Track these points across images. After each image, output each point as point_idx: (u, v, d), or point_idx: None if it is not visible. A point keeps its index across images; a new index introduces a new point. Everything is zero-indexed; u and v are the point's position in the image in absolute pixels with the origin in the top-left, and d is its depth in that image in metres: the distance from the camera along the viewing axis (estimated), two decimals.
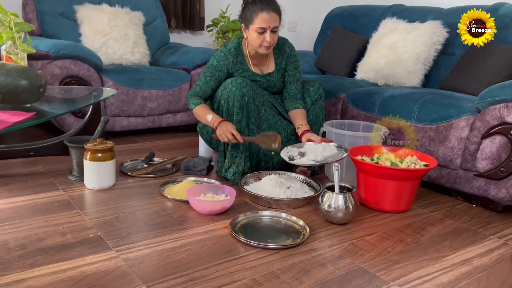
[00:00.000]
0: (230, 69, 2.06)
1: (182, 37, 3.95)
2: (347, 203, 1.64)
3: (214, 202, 1.67)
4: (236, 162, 2.02)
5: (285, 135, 2.15)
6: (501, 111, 1.79)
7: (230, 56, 2.05)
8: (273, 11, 1.93)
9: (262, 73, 2.13)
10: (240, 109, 1.95)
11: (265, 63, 2.14)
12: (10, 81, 1.58)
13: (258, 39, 1.96)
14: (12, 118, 1.46)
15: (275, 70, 2.14)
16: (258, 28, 1.93)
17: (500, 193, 1.82)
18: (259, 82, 2.12)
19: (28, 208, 1.66)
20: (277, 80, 2.15)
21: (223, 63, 2.04)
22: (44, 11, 2.90)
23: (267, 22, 1.92)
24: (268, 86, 2.16)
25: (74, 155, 1.98)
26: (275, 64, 2.15)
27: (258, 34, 1.94)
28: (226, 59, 2.04)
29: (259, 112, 2.06)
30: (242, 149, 2.01)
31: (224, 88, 1.98)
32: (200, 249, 1.42)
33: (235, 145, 2.00)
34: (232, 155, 2.03)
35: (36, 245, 1.39)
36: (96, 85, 2.56)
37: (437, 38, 2.57)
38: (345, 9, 3.38)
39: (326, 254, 1.44)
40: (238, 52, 2.07)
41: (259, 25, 1.92)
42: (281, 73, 2.16)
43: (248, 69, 2.09)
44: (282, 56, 2.16)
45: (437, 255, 1.48)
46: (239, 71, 2.08)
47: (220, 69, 2.04)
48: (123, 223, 1.58)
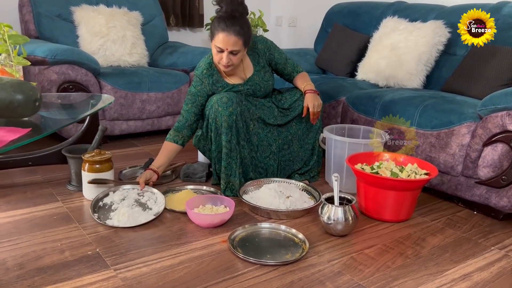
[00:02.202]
0: (209, 91, 2.02)
1: (182, 34, 3.91)
2: (346, 215, 1.63)
3: (212, 216, 1.66)
4: (232, 181, 1.99)
5: (276, 145, 2.13)
6: (503, 119, 1.76)
7: (205, 79, 2.02)
8: (234, 34, 1.84)
9: (243, 81, 2.08)
10: (228, 128, 1.92)
11: (241, 71, 2.07)
12: (5, 96, 1.56)
13: (216, 55, 1.92)
14: (8, 135, 1.45)
15: (254, 72, 2.09)
16: (216, 46, 1.88)
17: (502, 202, 1.80)
18: (243, 90, 2.08)
19: (26, 222, 1.66)
20: (260, 81, 2.10)
21: (200, 88, 2.01)
22: (40, 13, 2.87)
23: (225, 44, 1.85)
24: (254, 90, 2.10)
25: (72, 165, 1.97)
26: (253, 66, 2.09)
27: (216, 51, 1.91)
28: (201, 83, 2.01)
29: (248, 127, 2.03)
30: (235, 167, 1.98)
31: (211, 108, 1.95)
32: (198, 266, 1.42)
33: (228, 164, 1.97)
34: (227, 175, 1.99)
35: (34, 264, 1.38)
36: (94, 90, 2.54)
37: (439, 39, 2.53)
38: (346, 6, 3.33)
39: (325, 270, 1.43)
40: (212, 71, 2.03)
41: (217, 44, 1.87)
42: (263, 71, 2.10)
43: (227, 84, 2.05)
44: (258, 55, 2.09)
45: (437, 269, 1.47)
46: (219, 89, 2.04)
47: (199, 94, 2.01)
48: (121, 238, 1.57)
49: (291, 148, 2.17)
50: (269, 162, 2.13)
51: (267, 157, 2.12)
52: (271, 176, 2.13)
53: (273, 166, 2.14)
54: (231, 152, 1.95)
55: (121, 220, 1.66)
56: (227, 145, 1.94)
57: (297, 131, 2.17)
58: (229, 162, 1.96)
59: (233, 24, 1.84)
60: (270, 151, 2.12)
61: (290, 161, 2.19)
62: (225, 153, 1.95)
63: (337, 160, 2.10)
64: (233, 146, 1.95)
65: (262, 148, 2.10)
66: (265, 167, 2.12)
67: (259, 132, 2.08)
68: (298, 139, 2.18)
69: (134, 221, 1.67)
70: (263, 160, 2.11)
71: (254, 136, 2.06)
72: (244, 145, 2.01)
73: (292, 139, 2.17)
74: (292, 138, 2.17)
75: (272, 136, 2.12)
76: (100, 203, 1.80)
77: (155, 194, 1.87)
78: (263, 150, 2.10)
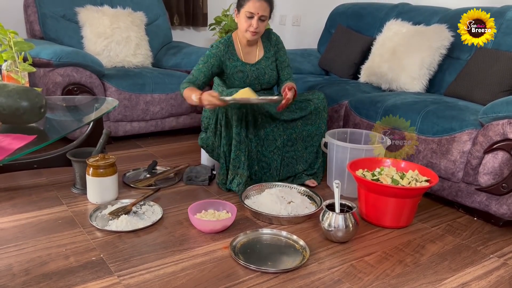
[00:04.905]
0: (222, 57, 2.15)
1: (186, 33, 3.92)
2: (347, 222, 1.65)
3: (214, 222, 1.69)
4: (239, 173, 2.06)
5: (281, 141, 2.17)
6: (504, 127, 1.77)
7: (222, 45, 2.15)
8: (264, 0, 2.04)
9: (252, 63, 2.21)
10: (238, 121, 2.00)
11: (254, 52, 2.23)
12: (11, 103, 1.59)
13: (245, 23, 2.07)
14: (14, 143, 1.47)
15: (263, 57, 2.23)
16: (247, 12, 2.04)
17: (502, 209, 1.82)
18: (250, 71, 2.19)
19: (32, 227, 1.69)
20: (266, 67, 2.23)
21: (215, 51, 2.14)
22: (45, 13, 2.89)
23: (256, 9, 2.03)
24: (259, 74, 2.22)
25: (77, 169, 2.00)
26: (264, 52, 2.24)
27: (246, 18, 2.06)
28: (217, 48, 2.15)
29: (256, 121, 2.09)
30: (243, 159, 2.03)
31: None
32: (200, 273, 1.44)
33: (236, 156, 2.02)
34: (235, 166, 2.05)
35: (40, 270, 1.41)
36: (99, 92, 2.57)
37: (442, 42, 2.53)
38: (349, 7, 3.32)
39: (325, 278, 1.45)
40: (229, 43, 2.18)
41: (249, 9, 2.04)
42: (270, 60, 2.25)
43: (238, 59, 2.18)
44: (270, 43, 2.27)
45: (435, 278, 1.49)
46: (230, 60, 2.16)
47: (213, 56, 2.13)
48: (125, 243, 1.60)
49: (295, 146, 2.21)
50: (273, 156, 2.17)
51: (271, 151, 2.16)
52: (274, 171, 2.17)
53: (277, 161, 2.17)
54: (240, 144, 2.03)
55: (119, 226, 1.68)
56: (236, 137, 2.02)
57: (302, 131, 2.20)
58: (238, 154, 2.04)
59: None
60: (275, 145, 2.16)
61: (294, 159, 2.22)
62: (234, 145, 2.03)
63: (338, 164, 2.12)
64: (242, 139, 2.02)
65: (267, 142, 2.14)
66: (268, 162, 2.17)
67: (266, 126, 2.13)
68: (302, 140, 2.21)
69: (132, 226, 1.70)
70: (267, 155, 2.15)
71: (261, 130, 2.12)
72: (252, 139, 2.07)
73: (297, 138, 2.20)
74: (296, 137, 2.20)
75: (278, 131, 2.16)
76: (98, 213, 1.82)
77: (152, 206, 1.89)
78: (268, 144, 2.15)
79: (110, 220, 1.74)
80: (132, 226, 1.70)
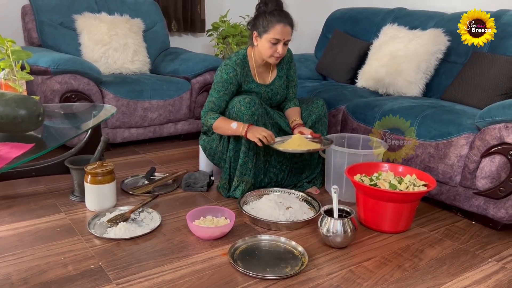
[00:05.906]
0: (240, 80, 2.08)
1: (183, 40, 3.93)
2: (345, 227, 1.65)
3: (213, 229, 1.69)
4: (245, 180, 2.05)
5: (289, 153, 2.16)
6: (500, 131, 1.78)
7: (238, 68, 2.07)
8: (289, 25, 2.00)
9: (265, 83, 2.17)
10: None
11: (268, 72, 2.18)
12: (9, 112, 1.58)
13: (270, 49, 2.00)
14: (12, 152, 1.47)
15: (276, 77, 2.19)
16: (272, 39, 1.98)
17: (499, 213, 1.82)
18: (264, 92, 2.16)
19: (30, 235, 1.69)
20: (279, 87, 2.20)
21: (232, 75, 2.05)
22: (43, 21, 2.90)
23: (282, 35, 1.97)
24: (272, 95, 2.19)
25: (75, 176, 2.00)
26: (277, 71, 2.20)
27: (271, 44, 1.99)
28: (234, 71, 2.06)
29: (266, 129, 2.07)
30: (251, 166, 2.03)
31: (232, 107, 2.01)
32: (199, 280, 1.44)
33: (244, 163, 2.03)
34: (242, 173, 2.05)
35: (38, 278, 1.41)
36: (97, 99, 2.57)
37: (438, 47, 2.55)
38: (346, 12, 3.34)
39: (324, 284, 1.45)
40: (244, 63, 2.11)
41: (274, 36, 1.97)
42: (282, 79, 2.21)
43: (253, 81, 2.13)
44: (283, 61, 2.21)
45: (434, 282, 1.49)
46: (245, 82, 2.11)
47: (231, 81, 2.05)
48: (123, 251, 1.60)
49: (303, 156, 2.21)
50: (282, 167, 2.18)
51: (280, 162, 2.17)
52: (280, 181, 2.18)
53: (284, 172, 2.19)
54: (249, 151, 2.01)
55: (118, 234, 1.68)
56: (246, 143, 1.99)
57: None
58: (246, 161, 2.03)
59: (287, 16, 2.01)
60: (284, 156, 2.17)
61: (301, 168, 2.24)
62: (243, 152, 2.01)
63: (336, 169, 2.12)
64: (252, 145, 2.00)
65: (276, 152, 2.13)
66: (276, 173, 2.17)
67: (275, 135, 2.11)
68: None
69: (131, 234, 1.69)
70: (276, 165, 2.16)
71: None
72: (261, 148, 2.04)
73: None
74: None
75: None
76: (96, 221, 1.82)
77: (151, 213, 1.89)
78: (277, 154, 2.14)
79: (108, 227, 1.74)
80: (131, 233, 1.70)
